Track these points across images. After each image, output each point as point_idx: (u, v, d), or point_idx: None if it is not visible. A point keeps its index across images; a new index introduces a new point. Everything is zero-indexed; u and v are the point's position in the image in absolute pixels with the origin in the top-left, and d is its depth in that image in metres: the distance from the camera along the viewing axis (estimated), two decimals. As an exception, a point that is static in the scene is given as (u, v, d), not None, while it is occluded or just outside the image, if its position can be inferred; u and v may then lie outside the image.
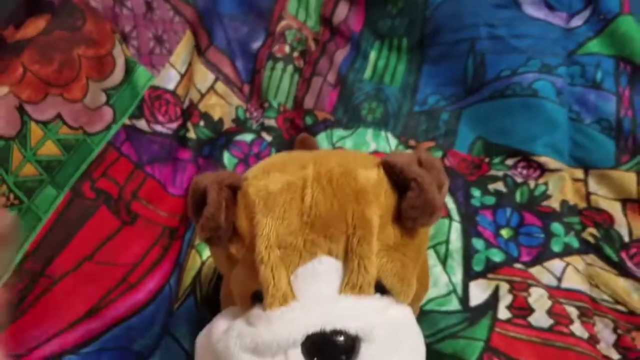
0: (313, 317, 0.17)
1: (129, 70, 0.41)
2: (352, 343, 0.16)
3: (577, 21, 0.46)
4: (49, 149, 0.35)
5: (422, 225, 0.20)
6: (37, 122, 0.35)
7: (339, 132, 0.48)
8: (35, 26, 0.35)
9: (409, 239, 0.20)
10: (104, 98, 0.39)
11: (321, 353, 0.16)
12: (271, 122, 0.49)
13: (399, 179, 0.20)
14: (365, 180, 0.19)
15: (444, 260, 0.38)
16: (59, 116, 0.36)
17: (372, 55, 0.53)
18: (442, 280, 0.37)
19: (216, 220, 0.19)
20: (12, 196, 0.33)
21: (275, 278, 0.18)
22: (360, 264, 0.18)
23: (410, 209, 0.19)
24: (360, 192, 0.19)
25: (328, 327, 0.17)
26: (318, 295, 0.18)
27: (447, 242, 0.39)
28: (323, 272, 0.18)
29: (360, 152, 0.43)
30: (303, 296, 0.18)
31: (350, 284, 0.18)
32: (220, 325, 0.19)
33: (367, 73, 0.52)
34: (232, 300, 0.21)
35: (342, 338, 0.16)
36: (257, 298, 0.19)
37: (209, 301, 0.35)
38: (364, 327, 0.17)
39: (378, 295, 0.19)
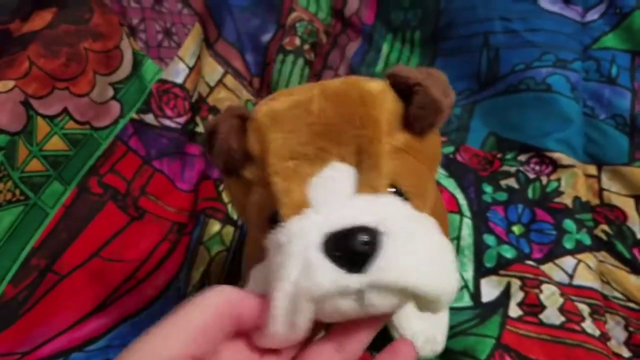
0: (329, 217, 0.17)
1: (136, 64, 0.41)
2: (374, 237, 0.16)
3: (592, 15, 0.47)
4: (56, 144, 0.36)
5: (430, 126, 0.20)
6: (43, 116, 0.35)
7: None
8: (41, 19, 0.35)
9: (419, 143, 0.21)
10: (111, 92, 0.40)
11: (343, 251, 0.16)
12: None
13: (404, 88, 0.20)
14: (370, 87, 0.20)
15: (455, 257, 0.38)
16: (65, 111, 0.36)
17: (385, 48, 0.54)
18: (453, 277, 0.37)
19: (228, 143, 0.20)
20: (18, 192, 0.34)
21: (288, 188, 0.18)
22: (372, 162, 0.18)
23: (416, 109, 0.19)
24: (366, 96, 0.19)
25: (346, 224, 0.17)
26: (333, 199, 0.18)
27: (458, 238, 0.40)
28: (337, 178, 0.19)
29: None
30: (318, 203, 0.18)
31: (364, 185, 0.18)
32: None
33: (380, 66, 0.53)
34: (256, 255, 0.21)
35: (362, 233, 0.16)
36: (274, 222, 0.19)
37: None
38: (383, 220, 0.17)
39: (393, 195, 0.19)
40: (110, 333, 0.35)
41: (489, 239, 0.40)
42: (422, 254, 0.17)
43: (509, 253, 0.38)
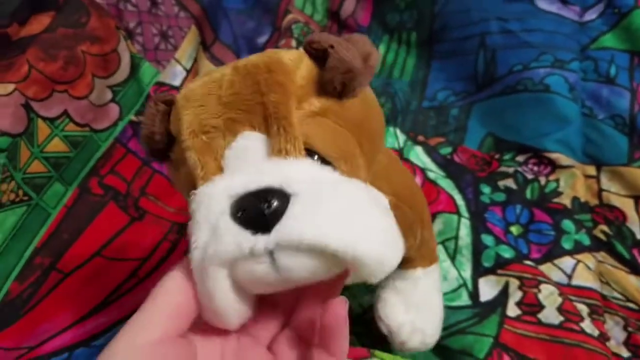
0: (236, 182, 0.17)
1: (134, 67, 0.41)
2: (280, 197, 0.16)
3: (590, 15, 0.46)
4: (56, 146, 0.36)
5: (343, 87, 0.19)
6: (43, 119, 0.35)
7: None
8: (39, 23, 0.35)
9: (339, 107, 0.20)
10: (109, 95, 0.40)
11: (248, 213, 0.16)
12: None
13: (319, 53, 0.20)
14: (279, 55, 0.20)
15: (453, 256, 0.38)
16: (65, 113, 0.37)
17: (381, 49, 0.54)
18: (451, 275, 0.37)
19: (151, 127, 0.20)
20: (21, 192, 0.34)
21: (202, 161, 0.18)
22: (280, 125, 0.18)
23: (327, 71, 0.19)
24: (273, 64, 0.19)
25: (252, 187, 0.17)
26: (244, 166, 0.18)
27: (456, 238, 0.40)
28: (249, 146, 0.18)
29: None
30: (230, 172, 0.18)
31: (275, 150, 0.18)
32: None
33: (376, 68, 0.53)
34: None
35: (268, 194, 0.16)
36: None
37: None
38: (289, 182, 0.17)
39: (310, 159, 0.18)
40: (112, 330, 0.35)
41: (487, 239, 0.40)
42: (332, 213, 0.16)
43: (507, 253, 0.38)
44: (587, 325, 0.33)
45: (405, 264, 0.29)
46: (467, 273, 0.38)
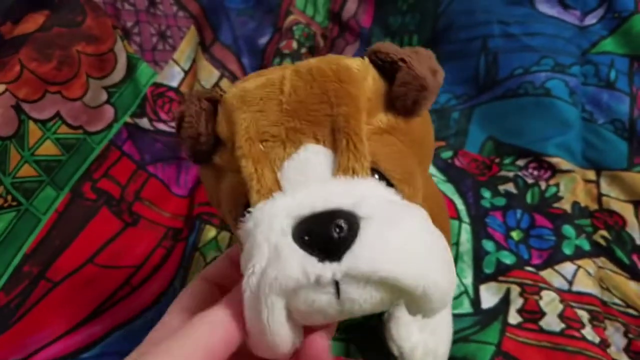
0: (300, 201, 0.16)
1: (131, 67, 0.40)
2: (350, 221, 0.15)
3: (591, 19, 0.46)
4: (48, 149, 0.35)
5: (414, 105, 0.18)
6: (35, 121, 0.34)
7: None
8: (33, 22, 0.34)
9: (405, 125, 0.19)
10: (104, 96, 0.39)
11: (315, 237, 0.15)
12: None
13: (386, 65, 0.18)
14: (347, 63, 0.18)
15: (454, 263, 0.38)
16: (58, 115, 0.36)
17: (382, 52, 0.53)
18: (452, 283, 0.37)
19: (195, 127, 0.18)
20: (9, 198, 0.33)
21: (258, 172, 0.17)
22: (350, 142, 0.17)
23: (399, 86, 0.18)
24: (342, 72, 0.17)
25: (319, 207, 0.15)
26: (306, 183, 0.17)
27: (457, 243, 0.39)
28: (311, 160, 0.17)
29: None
30: (290, 187, 0.17)
31: (342, 167, 0.16)
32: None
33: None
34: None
35: (337, 216, 0.15)
36: (247, 209, 0.18)
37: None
38: (360, 204, 0.15)
39: (376, 178, 0.17)
40: (104, 340, 0.34)
41: (488, 245, 0.39)
42: (405, 242, 0.15)
43: (508, 259, 0.38)
44: (588, 332, 0.33)
45: None
46: (469, 280, 0.37)
